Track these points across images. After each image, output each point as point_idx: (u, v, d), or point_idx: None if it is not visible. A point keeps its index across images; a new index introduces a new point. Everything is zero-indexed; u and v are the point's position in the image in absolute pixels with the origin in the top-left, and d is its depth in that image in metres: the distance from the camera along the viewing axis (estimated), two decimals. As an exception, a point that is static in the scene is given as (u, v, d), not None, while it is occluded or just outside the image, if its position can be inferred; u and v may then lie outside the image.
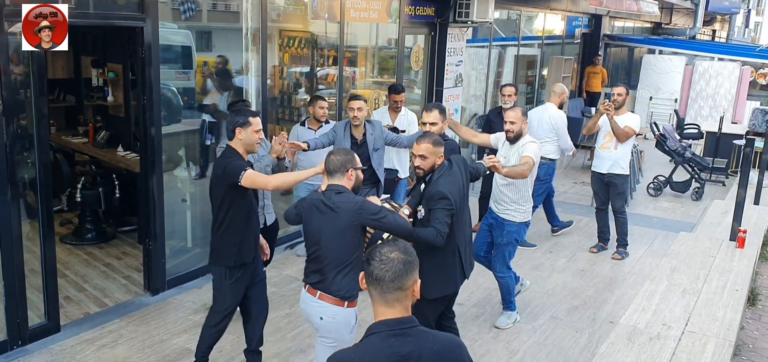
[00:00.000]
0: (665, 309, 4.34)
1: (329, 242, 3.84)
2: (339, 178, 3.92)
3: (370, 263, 2.34)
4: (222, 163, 4.39)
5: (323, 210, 3.84)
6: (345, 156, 3.97)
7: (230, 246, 4.46)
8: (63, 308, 5.90)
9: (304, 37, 8.15)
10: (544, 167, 7.71)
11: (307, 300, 3.96)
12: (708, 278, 4.86)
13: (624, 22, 18.91)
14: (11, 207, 5.02)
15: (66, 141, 8.57)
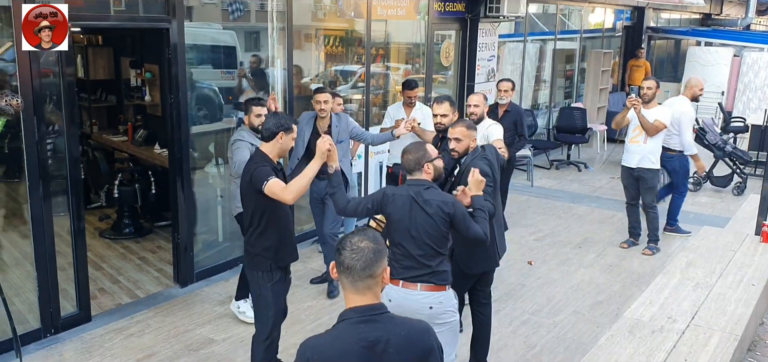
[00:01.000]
0: (673, 303, 4.29)
1: (425, 235, 3.93)
2: (418, 174, 4.05)
3: (340, 253, 2.41)
4: (250, 167, 4.31)
5: (415, 206, 3.94)
6: (417, 152, 4.07)
7: (266, 251, 4.40)
8: (97, 299, 6.17)
9: (331, 35, 8.28)
10: (674, 159, 7.93)
11: (405, 296, 3.97)
12: (724, 272, 4.77)
13: (669, 14, 18.48)
14: (43, 201, 5.28)
15: (107, 139, 8.90)
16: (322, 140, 4.11)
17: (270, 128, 4.30)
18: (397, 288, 3.99)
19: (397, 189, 4.13)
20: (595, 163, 12.31)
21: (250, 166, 4.31)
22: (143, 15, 6.11)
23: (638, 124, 7.39)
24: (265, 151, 4.33)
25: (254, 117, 5.56)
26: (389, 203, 4.03)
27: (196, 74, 7.20)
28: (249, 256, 4.50)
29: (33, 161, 5.17)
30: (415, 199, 3.95)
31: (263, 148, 4.35)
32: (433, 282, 3.96)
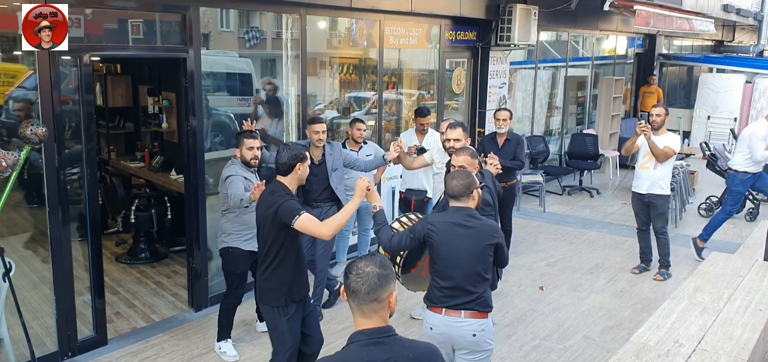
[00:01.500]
0: (680, 327, 4.32)
1: (471, 262, 3.97)
2: (464, 201, 4.07)
3: (347, 276, 2.51)
4: (274, 200, 4.26)
5: (462, 233, 3.97)
6: (467, 178, 4.11)
7: (281, 285, 4.37)
8: (113, 323, 6.27)
9: (345, 63, 8.44)
10: (732, 177, 8.60)
11: (449, 323, 3.98)
12: (732, 298, 4.80)
13: (681, 41, 18.56)
14: (62, 226, 5.41)
15: (124, 165, 9.06)
16: (362, 180, 4.15)
17: (287, 162, 4.31)
18: (439, 316, 4.01)
19: (438, 217, 4.18)
20: (608, 189, 12.34)
21: (274, 199, 4.26)
22: (161, 45, 6.27)
23: (648, 150, 7.44)
24: (285, 183, 4.33)
25: (246, 149, 5.56)
26: (433, 233, 4.05)
27: (212, 101, 7.36)
28: (263, 290, 4.47)
29: (53, 186, 5.30)
30: (460, 227, 3.98)
31: (282, 180, 4.34)
32: (477, 309, 3.99)
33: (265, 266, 4.39)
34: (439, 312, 4.02)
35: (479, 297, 4.00)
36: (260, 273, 4.47)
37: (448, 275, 3.99)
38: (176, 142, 8.71)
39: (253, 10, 7.24)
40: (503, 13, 9.42)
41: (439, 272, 4.04)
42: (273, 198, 4.27)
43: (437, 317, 4.02)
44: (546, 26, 11.00)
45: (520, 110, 11.92)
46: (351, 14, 7.90)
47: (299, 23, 7.27)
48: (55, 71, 5.19)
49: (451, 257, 3.99)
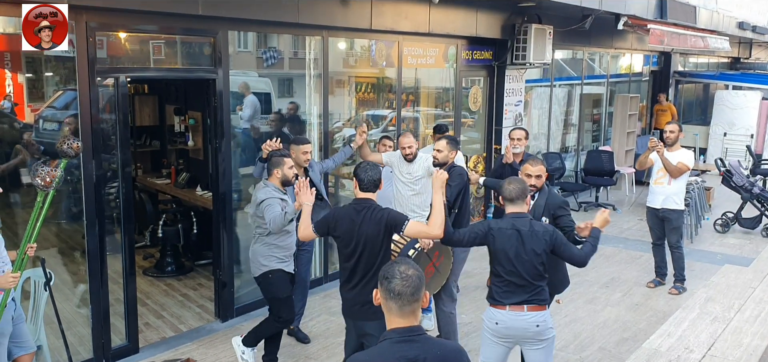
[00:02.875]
0: (691, 335, 4.48)
1: (530, 261, 4.33)
2: (519, 205, 4.44)
3: (390, 280, 2.71)
4: (375, 216, 4.41)
5: (529, 234, 4.33)
6: (522, 184, 4.51)
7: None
8: (143, 333, 6.52)
9: (364, 82, 8.70)
10: None
11: (514, 318, 4.34)
12: (742, 308, 4.95)
13: (697, 58, 18.68)
14: (98, 240, 5.67)
15: (151, 182, 9.35)
16: (440, 173, 4.46)
17: (375, 179, 4.50)
18: (504, 312, 4.36)
19: (499, 222, 4.47)
20: (624, 205, 12.47)
21: (377, 213, 4.40)
22: (192, 66, 6.57)
23: (662, 166, 7.60)
24: (372, 198, 4.52)
25: (287, 169, 5.49)
26: (495, 235, 4.39)
27: (233, 120, 7.63)
28: (367, 306, 4.30)
29: (90, 201, 5.58)
30: (520, 229, 4.33)
31: (370, 196, 4.51)
32: (537, 303, 4.36)
33: (367, 279, 4.44)
34: (503, 309, 4.37)
35: (539, 292, 4.37)
36: (359, 292, 4.48)
37: (510, 274, 4.35)
38: (201, 159, 9.00)
39: (279, 33, 7.52)
40: (518, 32, 9.64)
41: (502, 271, 4.38)
42: (374, 213, 4.42)
43: (502, 313, 4.38)
44: (561, 45, 11.21)
45: (536, 127, 12.11)
46: (371, 36, 8.16)
47: (321, 44, 7.54)
48: (94, 91, 5.47)
49: (513, 257, 4.34)
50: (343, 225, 4.47)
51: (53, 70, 6.47)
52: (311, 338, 6.53)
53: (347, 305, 4.61)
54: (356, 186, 4.55)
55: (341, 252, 4.59)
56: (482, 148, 10.53)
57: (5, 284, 4.30)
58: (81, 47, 5.37)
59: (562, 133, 13.24)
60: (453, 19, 8.72)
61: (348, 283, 4.55)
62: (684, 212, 7.97)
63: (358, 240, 4.42)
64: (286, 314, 5.59)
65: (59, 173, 4.37)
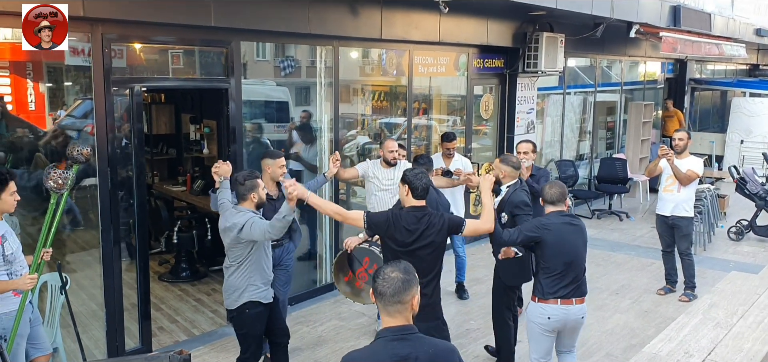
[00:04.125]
0: (692, 340, 4.53)
1: (581, 255, 4.76)
2: (561, 205, 4.82)
3: (375, 280, 2.86)
4: (443, 220, 4.52)
5: (572, 230, 4.72)
6: (561, 187, 4.87)
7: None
8: (156, 337, 6.67)
9: (376, 91, 8.82)
10: None
11: (567, 310, 4.70)
12: (746, 314, 4.98)
13: (714, 65, 18.58)
14: (113, 245, 5.83)
15: (167, 189, 9.53)
16: (487, 179, 4.81)
17: (427, 186, 4.55)
18: (555, 307, 4.68)
19: (549, 219, 4.79)
20: (637, 212, 12.46)
21: (436, 218, 4.50)
22: (205, 76, 6.73)
23: (671, 174, 7.63)
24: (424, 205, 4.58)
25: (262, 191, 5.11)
26: (546, 232, 4.70)
27: (251, 128, 7.78)
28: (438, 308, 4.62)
29: (105, 208, 5.74)
30: (569, 225, 4.72)
31: (421, 203, 4.54)
32: (583, 295, 4.76)
33: (435, 284, 4.59)
34: (554, 303, 4.68)
35: (584, 284, 4.77)
36: (432, 293, 4.57)
37: (563, 268, 4.66)
38: (216, 166, 9.16)
39: (289, 43, 7.66)
40: (530, 41, 9.71)
41: (553, 267, 4.68)
42: (435, 219, 4.50)
43: (553, 307, 4.69)
44: (573, 53, 11.26)
45: (550, 135, 12.16)
46: (381, 45, 8.28)
47: (333, 54, 7.67)
48: (110, 100, 5.64)
49: (565, 252, 4.67)
50: (402, 231, 4.47)
51: (73, 80, 6.66)
52: (321, 343, 6.64)
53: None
54: (408, 193, 4.54)
55: (393, 254, 4.51)
56: (494, 156, 10.58)
57: (23, 286, 4.46)
58: (97, 58, 5.54)
59: (577, 140, 13.26)
60: (464, 28, 8.81)
61: None
62: (693, 219, 7.97)
63: (415, 248, 4.45)
64: (253, 353, 5.21)
65: (71, 175, 4.53)
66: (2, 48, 5.65)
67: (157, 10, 5.76)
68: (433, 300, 4.55)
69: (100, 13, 5.36)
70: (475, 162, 9.96)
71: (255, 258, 4.99)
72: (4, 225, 4.50)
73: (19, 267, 4.54)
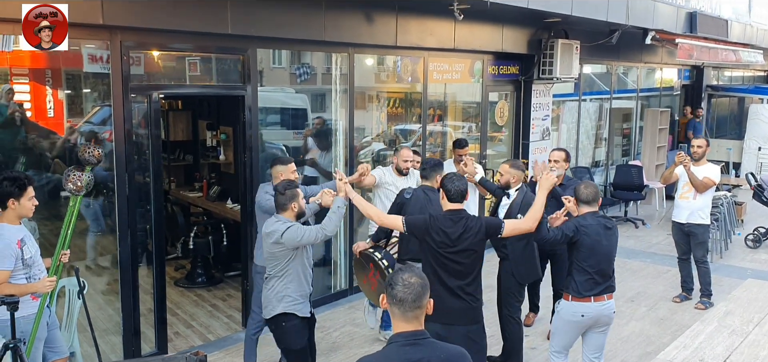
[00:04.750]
0: (706, 348, 4.50)
1: (613, 255, 4.99)
2: (594, 205, 4.98)
3: (393, 287, 2.84)
4: (480, 223, 4.58)
5: (607, 232, 4.91)
6: (594, 188, 5.06)
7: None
8: (172, 341, 6.72)
9: (391, 97, 8.86)
10: None
11: (601, 307, 4.93)
12: (761, 322, 4.94)
13: (731, 72, 18.45)
14: (130, 251, 5.90)
15: (183, 195, 9.61)
16: (551, 174, 4.93)
17: (462, 190, 4.58)
18: (589, 304, 4.88)
19: (586, 221, 4.91)
20: (653, 219, 12.38)
21: (474, 222, 4.56)
22: (222, 83, 6.80)
23: (688, 181, 7.59)
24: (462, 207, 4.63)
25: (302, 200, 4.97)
26: (583, 233, 4.84)
27: (268, 135, 7.83)
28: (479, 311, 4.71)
29: (123, 213, 5.80)
30: (604, 227, 4.89)
31: (459, 206, 4.59)
32: (613, 291, 4.98)
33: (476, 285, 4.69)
34: (587, 301, 4.88)
35: (614, 281, 5.01)
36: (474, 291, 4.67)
37: (599, 267, 4.85)
38: (232, 173, 9.23)
39: (305, 50, 7.72)
40: (545, 47, 9.71)
41: (588, 267, 4.86)
42: (472, 222, 4.57)
43: (587, 305, 4.89)
44: (588, 59, 11.23)
45: (565, 142, 12.12)
46: (396, 52, 8.32)
47: (348, 61, 7.71)
48: (128, 107, 5.71)
49: (601, 252, 4.85)
50: (440, 234, 4.51)
51: (92, 87, 6.75)
52: (335, 349, 6.66)
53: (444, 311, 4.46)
54: (444, 197, 4.61)
55: (433, 258, 4.58)
56: (509, 163, 10.57)
57: (42, 288, 4.53)
58: (115, 65, 5.62)
59: (593, 147, 13.22)
60: (478, 34, 8.82)
61: (436, 288, 4.53)
62: (709, 227, 7.92)
63: (455, 252, 4.50)
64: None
65: (86, 177, 4.60)
66: (22, 55, 5.73)
67: (174, 17, 5.82)
68: (477, 304, 4.66)
69: (118, 20, 5.43)
70: (489, 168, 9.97)
71: (293, 269, 4.84)
72: (23, 229, 4.57)
73: (38, 270, 4.60)
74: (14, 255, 4.39)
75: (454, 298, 4.56)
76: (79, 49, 5.85)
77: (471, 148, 9.74)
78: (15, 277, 4.44)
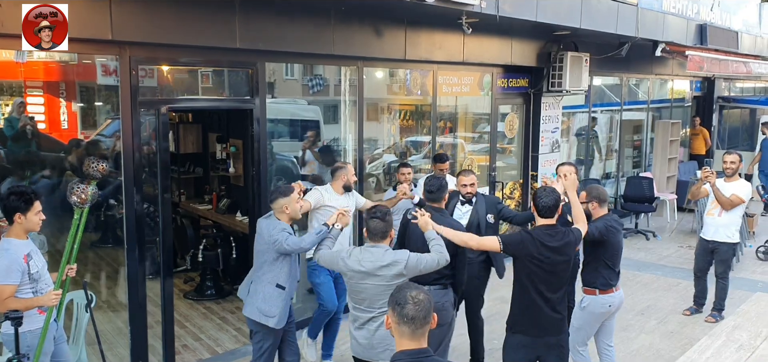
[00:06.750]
0: (715, 363, 4.48)
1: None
2: (605, 208, 5.53)
3: (403, 306, 2.80)
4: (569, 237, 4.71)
5: (620, 230, 5.50)
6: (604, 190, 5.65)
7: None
8: (181, 354, 6.73)
9: (401, 110, 8.88)
10: None
11: (621, 295, 5.57)
12: (771, 337, 4.92)
13: (743, 83, 18.35)
14: (139, 263, 5.92)
15: (193, 208, 9.65)
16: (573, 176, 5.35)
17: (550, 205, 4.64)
18: (614, 295, 5.45)
19: (614, 220, 5.47)
20: (664, 231, 12.31)
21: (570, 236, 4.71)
22: (231, 96, 6.85)
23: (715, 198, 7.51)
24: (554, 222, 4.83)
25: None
26: (615, 230, 5.41)
27: (279, 147, 7.85)
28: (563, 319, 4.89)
29: (131, 226, 5.83)
30: (619, 225, 5.48)
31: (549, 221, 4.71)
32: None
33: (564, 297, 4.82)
34: (611, 292, 5.44)
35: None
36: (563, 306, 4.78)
37: (618, 261, 5.46)
38: (242, 185, 9.26)
39: (313, 63, 7.75)
40: (554, 60, 9.70)
41: (613, 262, 5.42)
42: (565, 236, 4.70)
43: (612, 296, 5.46)
44: (598, 72, 11.21)
45: (575, 154, 12.10)
46: (406, 66, 8.34)
47: (357, 74, 7.73)
48: (136, 121, 5.75)
49: (620, 248, 5.50)
50: (540, 248, 4.56)
51: (104, 100, 6.82)
52: (343, 361, 6.66)
53: (540, 324, 4.67)
54: (535, 211, 4.73)
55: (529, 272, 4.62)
56: (519, 174, 10.56)
57: (48, 302, 4.54)
58: (124, 79, 5.66)
59: (604, 159, 13.18)
60: (487, 47, 8.83)
61: (532, 301, 4.66)
62: (737, 245, 7.80)
63: (554, 263, 4.58)
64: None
65: (91, 190, 4.62)
66: (36, 67, 5.80)
67: (183, 32, 5.87)
68: (565, 314, 4.80)
69: (127, 36, 5.48)
70: (499, 181, 9.96)
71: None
72: (30, 243, 4.60)
73: (45, 285, 4.62)
74: (21, 269, 4.41)
75: (551, 310, 4.66)
76: (92, 62, 5.91)
77: (480, 159, 9.78)
78: (22, 292, 4.46)
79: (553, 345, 4.71)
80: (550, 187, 4.87)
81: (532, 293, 4.58)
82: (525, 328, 4.69)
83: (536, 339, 4.67)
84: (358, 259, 4.43)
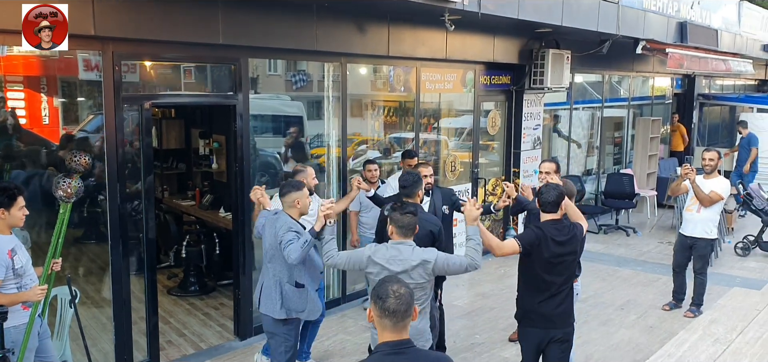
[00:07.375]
0: (690, 356, 4.56)
1: None
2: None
3: (385, 300, 2.84)
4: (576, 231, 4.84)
5: None
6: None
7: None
8: (164, 350, 6.73)
9: (384, 106, 8.91)
10: None
11: None
12: (745, 330, 5.01)
13: (723, 81, 18.58)
14: (122, 259, 5.92)
15: (177, 204, 9.63)
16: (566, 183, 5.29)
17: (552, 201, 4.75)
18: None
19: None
20: (644, 228, 12.46)
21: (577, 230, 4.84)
22: (214, 92, 6.85)
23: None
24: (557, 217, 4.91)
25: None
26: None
27: (262, 142, 7.85)
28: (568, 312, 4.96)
29: (115, 222, 5.83)
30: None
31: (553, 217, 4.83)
32: None
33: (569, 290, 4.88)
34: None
35: None
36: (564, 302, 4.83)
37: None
38: (225, 181, 9.25)
39: (296, 59, 7.76)
40: (536, 57, 9.78)
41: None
42: (573, 229, 4.82)
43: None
44: (579, 69, 11.31)
45: (557, 150, 12.20)
46: (389, 62, 8.37)
47: (340, 70, 7.76)
48: (119, 116, 5.74)
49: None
50: (551, 243, 4.68)
51: (86, 95, 6.78)
52: (327, 357, 6.70)
53: (537, 315, 4.79)
54: (540, 206, 4.82)
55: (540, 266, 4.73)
56: (501, 171, 10.65)
57: (33, 297, 4.54)
58: (107, 75, 5.65)
59: (584, 156, 13.30)
60: (470, 45, 8.89)
61: (541, 295, 4.76)
62: (715, 241, 7.89)
63: (562, 256, 4.70)
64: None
65: (76, 184, 4.63)
66: (15, 62, 5.76)
67: (166, 28, 5.87)
68: (571, 306, 4.86)
69: (110, 31, 5.47)
70: (482, 177, 10.03)
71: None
72: (14, 238, 4.59)
73: (29, 280, 4.62)
74: (5, 265, 4.41)
75: (560, 303, 4.77)
76: (74, 57, 5.89)
77: (463, 156, 9.84)
78: (6, 287, 4.46)
79: (559, 338, 4.80)
80: (553, 184, 4.97)
81: (542, 287, 4.72)
82: (533, 321, 4.82)
83: (544, 330, 4.80)
84: (386, 258, 4.34)
